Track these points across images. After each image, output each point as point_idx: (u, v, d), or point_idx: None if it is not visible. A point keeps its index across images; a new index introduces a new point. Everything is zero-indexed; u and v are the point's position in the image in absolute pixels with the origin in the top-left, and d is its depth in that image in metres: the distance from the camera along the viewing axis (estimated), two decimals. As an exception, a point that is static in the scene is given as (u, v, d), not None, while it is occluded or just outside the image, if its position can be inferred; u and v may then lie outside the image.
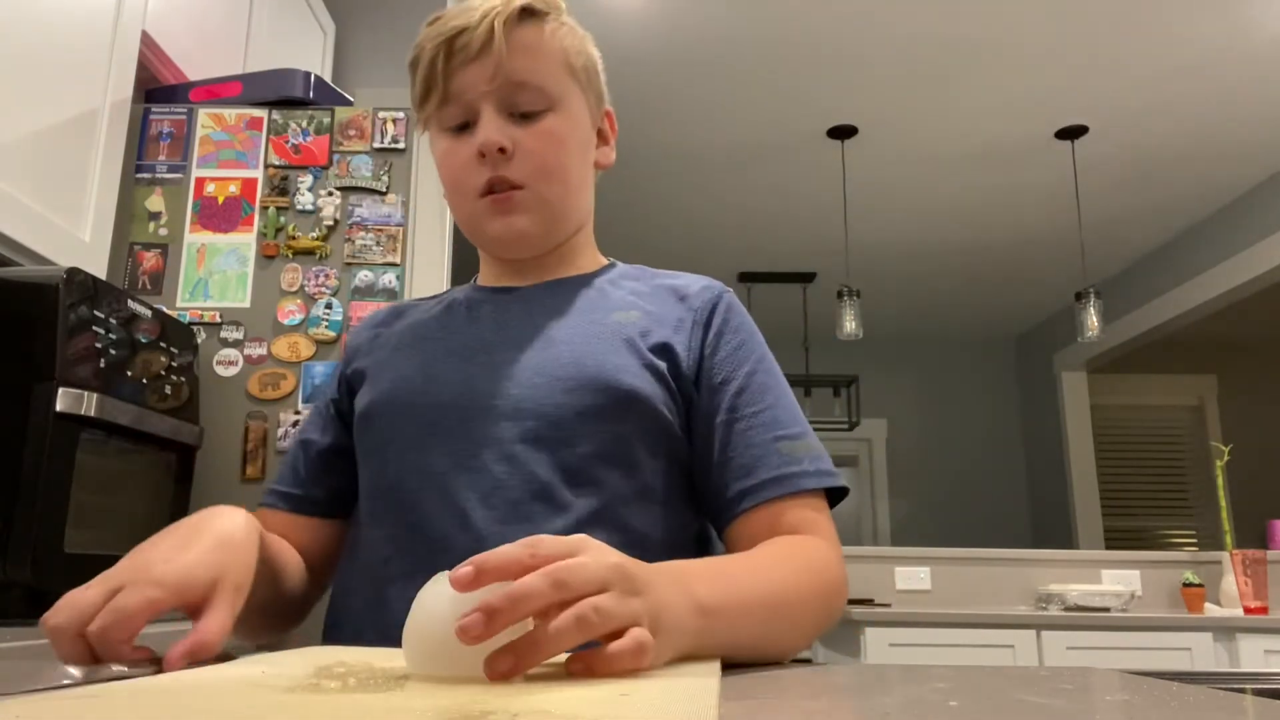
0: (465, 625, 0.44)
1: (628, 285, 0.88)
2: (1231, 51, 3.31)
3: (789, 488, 0.77)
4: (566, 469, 0.75)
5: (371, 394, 0.84)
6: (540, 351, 0.80)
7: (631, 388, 0.77)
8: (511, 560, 0.47)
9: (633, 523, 0.76)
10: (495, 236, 0.85)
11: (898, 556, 3.36)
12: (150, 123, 1.85)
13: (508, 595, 0.45)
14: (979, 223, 4.80)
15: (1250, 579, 2.88)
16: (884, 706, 0.47)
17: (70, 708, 0.38)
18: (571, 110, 0.85)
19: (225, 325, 1.75)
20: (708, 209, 4.71)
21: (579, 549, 0.50)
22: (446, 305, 0.91)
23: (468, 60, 0.81)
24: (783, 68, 3.49)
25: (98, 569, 0.66)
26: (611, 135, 0.93)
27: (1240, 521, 4.67)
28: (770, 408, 0.80)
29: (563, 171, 0.84)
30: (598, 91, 0.90)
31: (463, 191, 0.84)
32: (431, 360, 0.83)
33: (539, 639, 0.46)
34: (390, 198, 1.82)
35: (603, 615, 0.48)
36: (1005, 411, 6.54)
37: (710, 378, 0.81)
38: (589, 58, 0.89)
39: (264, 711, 0.37)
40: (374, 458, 0.82)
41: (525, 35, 0.82)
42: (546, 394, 0.77)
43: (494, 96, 0.81)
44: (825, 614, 0.73)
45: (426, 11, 0.89)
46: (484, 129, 0.80)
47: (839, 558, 0.77)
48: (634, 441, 0.77)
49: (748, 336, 0.85)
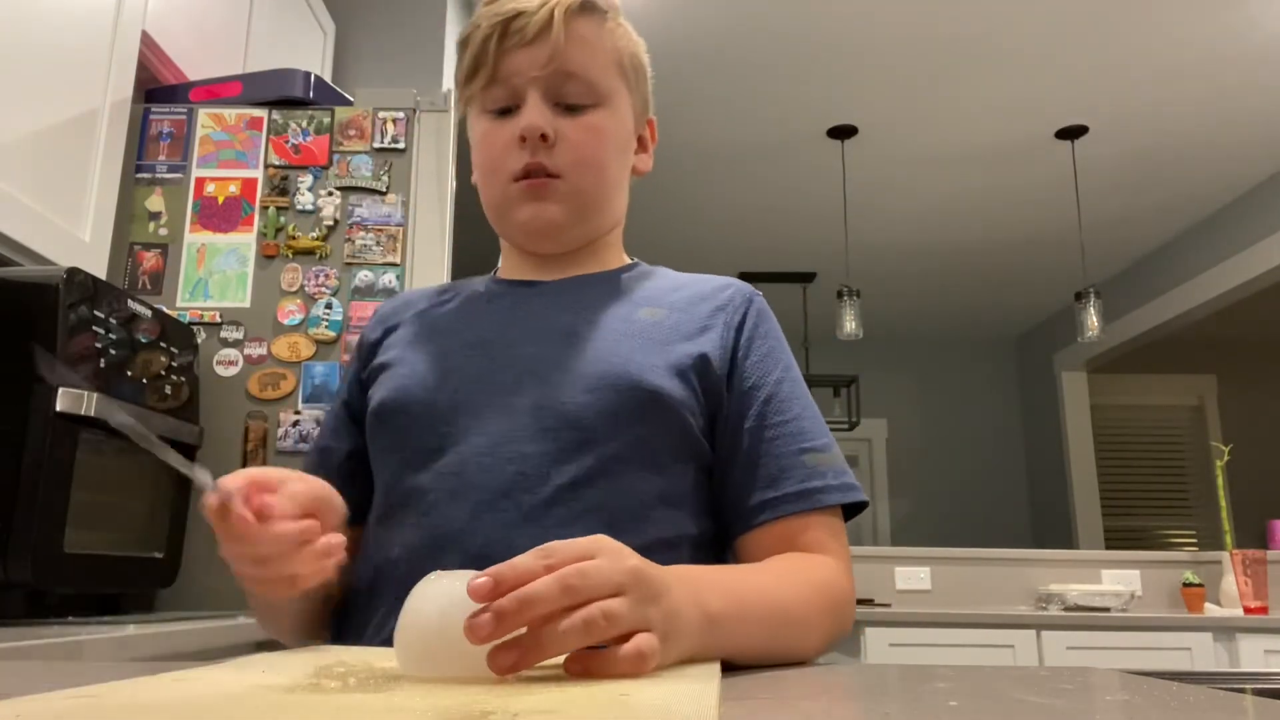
0: (474, 625, 0.45)
1: (654, 284, 0.87)
2: (1231, 52, 3.31)
3: (811, 503, 0.76)
4: (586, 470, 0.73)
5: (386, 390, 0.82)
6: (562, 348, 0.78)
7: (656, 387, 0.75)
8: (526, 572, 0.47)
9: (653, 526, 0.74)
10: (523, 223, 0.83)
11: (898, 556, 3.36)
12: (150, 123, 1.85)
13: (517, 598, 0.46)
14: (979, 223, 4.80)
15: (1250, 579, 2.88)
16: (884, 706, 0.47)
17: (70, 707, 0.38)
18: (617, 109, 0.84)
19: (225, 325, 1.75)
20: (708, 209, 4.71)
21: (595, 551, 0.50)
22: (465, 298, 0.89)
23: (522, 44, 0.79)
24: (783, 68, 3.49)
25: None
26: (651, 143, 0.92)
27: (1240, 521, 4.67)
28: (797, 418, 0.79)
29: (601, 167, 0.82)
30: (644, 97, 0.89)
31: (497, 174, 0.82)
32: (447, 354, 0.81)
33: (544, 638, 0.46)
34: (390, 198, 1.82)
35: (611, 620, 0.48)
36: (1005, 411, 6.54)
37: (740, 381, 0.80)
38: (640, 63, 0.88)
39: (264, 711, 0.37)
40: (387, 455, 0.81)
41: (583, 28, 0.81)
42: (568, 392, 0.75)
43: (542, 84, 0.80)
44: (831, 632, 0.73)
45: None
46: (529, 113, 0.79)
47: (848, 577, 0.77)
48: (657, 443, 0.75)
49: (776, 343, 0.84)
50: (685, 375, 0.77)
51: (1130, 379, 6.09)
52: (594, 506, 0.72)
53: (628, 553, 0.52)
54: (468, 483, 0.74)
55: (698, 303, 0.84)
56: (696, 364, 0.78)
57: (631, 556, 0.52)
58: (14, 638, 0.93)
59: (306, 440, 1.70)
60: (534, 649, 0.46)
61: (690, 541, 0.76)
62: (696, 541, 0.77)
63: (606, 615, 0.47)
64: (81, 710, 0.37)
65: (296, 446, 1.70)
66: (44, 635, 0.97)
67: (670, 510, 0.75)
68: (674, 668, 0.53)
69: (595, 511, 0.72)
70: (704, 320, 0.82)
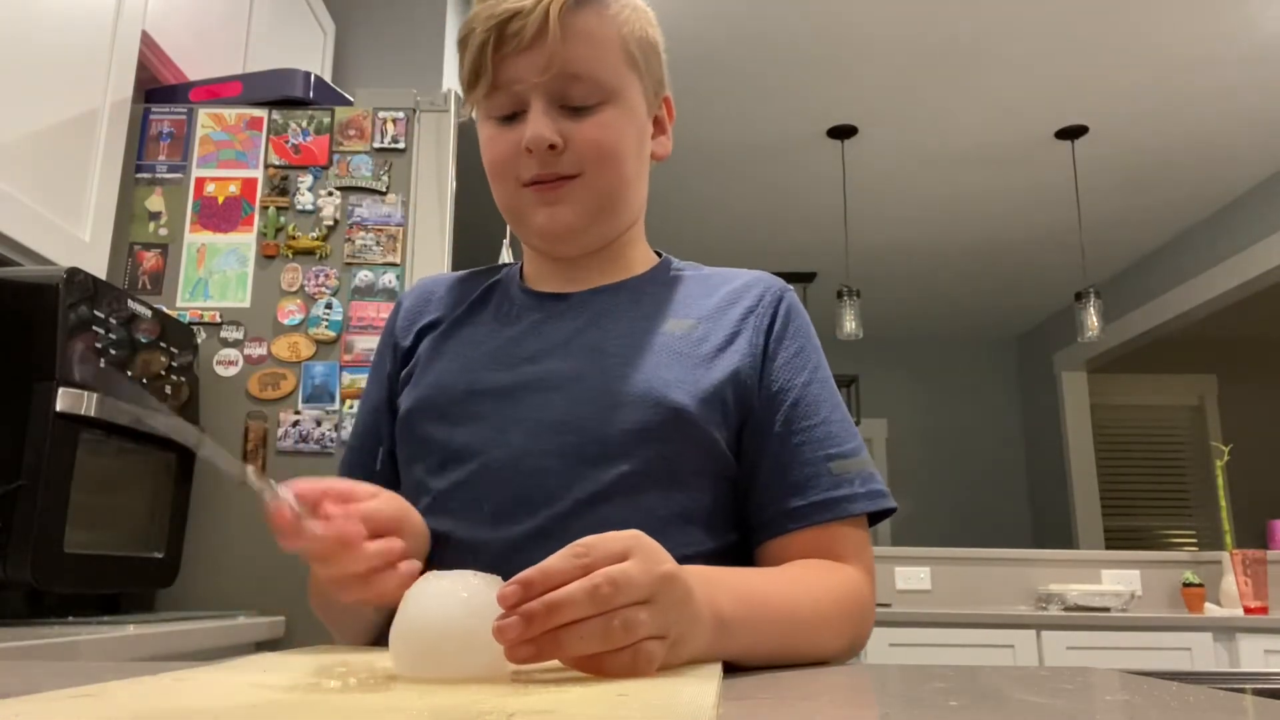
0: (503, 627, 0.46)
1: (682, 289, 0.85)
2: (1231, 52, 3.31)
3: (837, 513, 0.75)
4: (606, 486, 0.72)
5: (411, 399, 0.81)
6: (587, 364, 0.77)
7: (680, 405, 0.74)
8: (559, 575, 0.48)
9: (671, 543, 0.72)
10: (538, 228, 0.80)
11: (898, 556, 3.36)
12: (150, 123, 1.85)
13: (546, 603, 0.46)
14: (979, 223, 4.80)
15: (1250, 579, 2.88)
16: (884, 706, 0.47)
17: (70, 707, 0.38)
18: (628, 102, 0.80)
19: (225, 325, 1.75)
20: (708, 209, 4.71)
21: (631, 550, 0.51)
22: (494, 306, 0.86)
23: (519, 49, 0.75)
24: (783, 68, 3.48)
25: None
26: (669, 123, 0.88)
27: (1240, 521, 4.66)
28: (824, 422, 0.78)
29: (617, 164, 0.79)
30: (657, 78, 0.85)
31: (506, 179, 0.80)
32: (472, 367, 0.80)
33: (563, 639, 0.47)
34: (390, 198, 1.82)
35: (629, 631, 0.48)
36: (1005, 411, 6.53)
37: (768, 384, 0.79)
38: (649, 41, 0.83)
39: (264, 711, 0.37)
40: (411, 463, 0.81)
41: (582, 21, 0.76)
42: (591, 409, 0.74)
43: (545, 89, 0.76)
44: (848, 639, 0.72)
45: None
46: (533, 124, 0.76)
47: (869, 585, 0.76)
48: (679, 460, 0.74)
49: (805, 341, 0.82)
50: (713, 387, 0.76)
51: (1130, 379, 6.09)
52: (613, 523, 0.71)
53: (662, 555, 0.52)
54: (488, 494, 0.74)
55: (727, 308, 0.82)
56: (728, 383, 0.77)
57: (665, 560, 0.52)
58: (14, 638, 0.93)
59: (306, 440, 1.70)
60: (551, 646, 0.47)
61: (708, 556, 0.75)
62: (716, 555, 0.76)
63: (626, 625, 0.48)
64: (82, 709, 0.37)
65: (296, 446, 1.70)
66: (44, 635, 0.97)
67: (690, 527, 0.74)
68: (676, 668, 0.53)
69: (614, 528, 0.71)
70: (734, 325, 0.80)
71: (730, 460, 0.77)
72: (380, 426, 0.86)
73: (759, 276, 0.86)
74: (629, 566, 0.50)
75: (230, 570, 1.62)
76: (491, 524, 0.73)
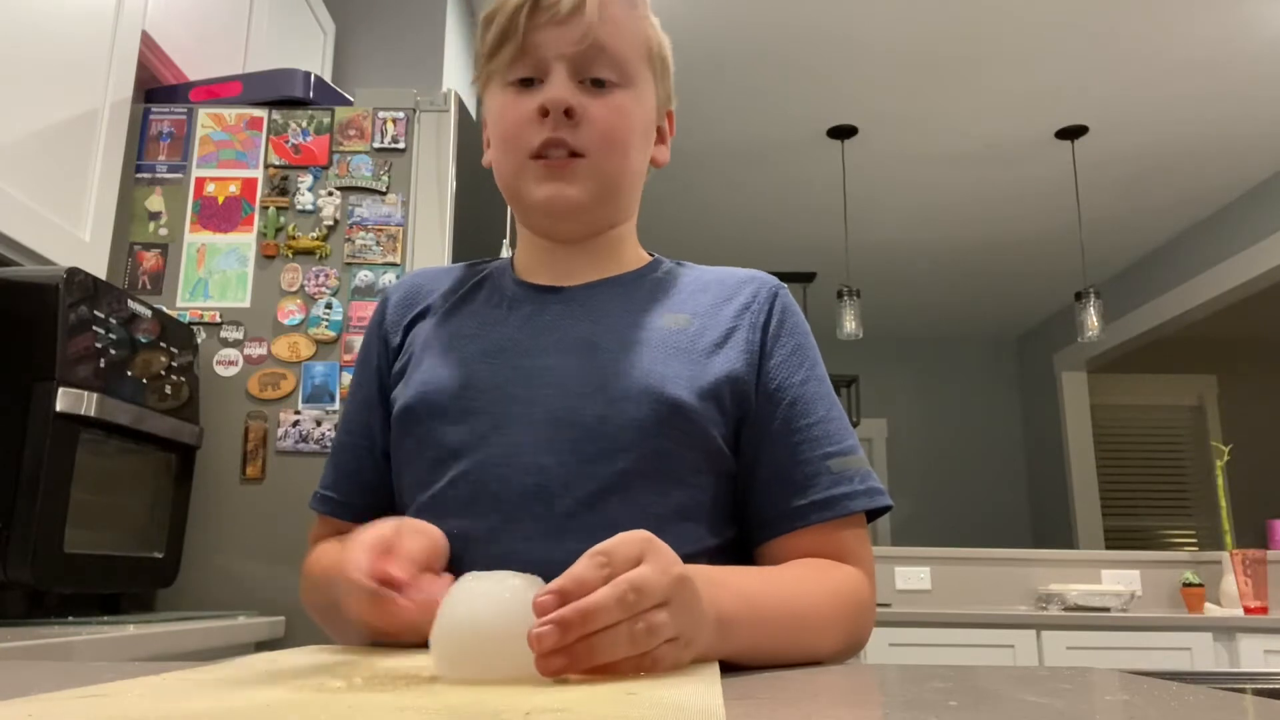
0: (539, 635, 0.47)
1: (677, 286, 0.85)
2: (1231, 51, 3.31)
3: (837, 511, 0.75)
4: (604, 483, 0.72)
5: (406, 397, 0.80)
6: (582, 359, 0.77)
7: (677, 400, 0.74)
8: (588, 583, 0.49)
9: (671, 540, 0.73)
10: (540, 201, 0.79)
11: (898, 556, 3.36)
12: (150, 123, 1.85)
13: (580, 610, 0.47)
14: (979, 223, 4.80)
15: (1250, 579, 2.88)
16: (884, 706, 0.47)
17: (79, 707, 0.38)
18: (643, 94, 0.83)
19: (225, 325, 1.75)
20: (708, 209, 4.71)
21: (644, 554, 0.52)
22: (485, 299, 0.86)
23: (554, 20, 0.77)
24: (783, 68, 3.48)
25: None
26: (669, 135, 0.91)
27: (1240, 521, 4.67)
28: (822, 421, 0.78)
29: (625, 148, 0.80)
30: (667, 90, 0.88)
31: (514, 148, 0.79)
32: (467, 362, 0.80)
33: (595, 646, 0.48)
34: (390, 198, 1.82)
35: (653, 634, 0.50)
36: (1005, 411, 6.53)
37: (766, 382, 0.79)
38: (666, 58, 0.87)
39: (268, 710, 0.37)
40: (407, 460, 0.80)
41: (615, 9, 0.80)
42: (587, 404, 0.74)
43: (570, 61, 0.78)
44: (848, 638, 0.72)
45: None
46: (554, 87, 0.77)
47: (869, 584, 0.76)
48: (677, 456, 0.74)
49: (802, 338, 0.82)
50: (710, 383, 0.76)
51: (1130, 379, 6.09)
52: (612, 520, 0.71)
53: (673, 557, 0.53)
54: (486, 492, 0.74)
55: (722, 305, 0.82)
56: (725, 380, 0.77)
57: (675, 563, 0.53)
58: (14, 638, 0.93)
59: (306, 440, 1.70)
60: (584, 655, 0.48)
61: (708, 553, 0.75)
62: (715, 551, 0.76)
63: (650, 630, 0.50)
64: (90, 709, 0.37)
65: (296, 447, 1.70)
66: (44, 635, 0.97)
67: (689, 524, 0.74)
68: (679, 667, 0.54)
69: (613, 525, 0.72)
70: (729, 322, 0.80)
71: (728, 456, 0.77)
72: (372, 422, 0.86)
73: (753, 274, 0.86)
74: (646, 571, 0.51)
75: (230, 570, 1.62)
76: (489, 521, 0.73)
